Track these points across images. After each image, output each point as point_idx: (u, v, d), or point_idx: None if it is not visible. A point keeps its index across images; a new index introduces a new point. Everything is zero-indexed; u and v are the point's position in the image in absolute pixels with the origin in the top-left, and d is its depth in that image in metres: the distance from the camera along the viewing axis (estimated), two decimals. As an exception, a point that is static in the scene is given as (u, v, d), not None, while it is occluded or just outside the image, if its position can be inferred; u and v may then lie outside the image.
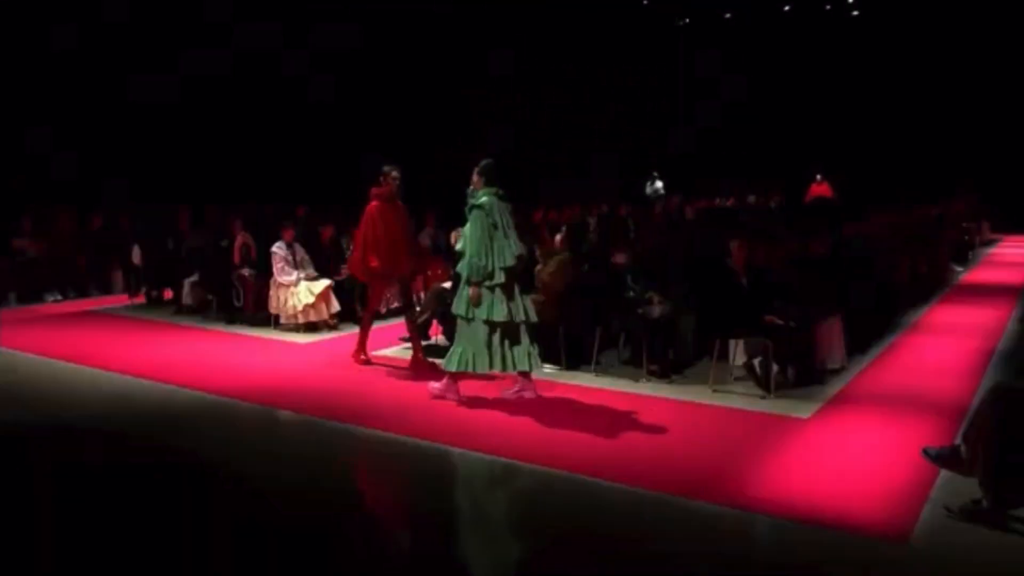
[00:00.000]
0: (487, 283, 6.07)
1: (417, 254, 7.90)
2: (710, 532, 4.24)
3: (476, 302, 6.09)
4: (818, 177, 20.62)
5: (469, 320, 6.17)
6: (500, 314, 6.10)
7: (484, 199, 6.13)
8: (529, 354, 6.25)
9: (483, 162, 6.32)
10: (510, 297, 6.14)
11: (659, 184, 20.68)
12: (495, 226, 6.09)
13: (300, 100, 16.52)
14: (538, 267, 7.77)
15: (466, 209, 6.26)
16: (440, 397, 6.38)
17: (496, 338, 6.15)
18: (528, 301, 6.33)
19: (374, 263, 7.34)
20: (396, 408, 6.27)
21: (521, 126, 20.60)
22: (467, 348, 6.19)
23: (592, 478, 4.83)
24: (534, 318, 6.28)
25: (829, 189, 20.25)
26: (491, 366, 6.18)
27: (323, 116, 16.98)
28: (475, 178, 6.28)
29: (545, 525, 4.31)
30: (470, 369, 6.20)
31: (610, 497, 4.63)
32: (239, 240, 10.03)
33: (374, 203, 7.40)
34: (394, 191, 7.40)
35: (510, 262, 6.09)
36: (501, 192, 6.23)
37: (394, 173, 7.39)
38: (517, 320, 6.18)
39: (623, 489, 4.69)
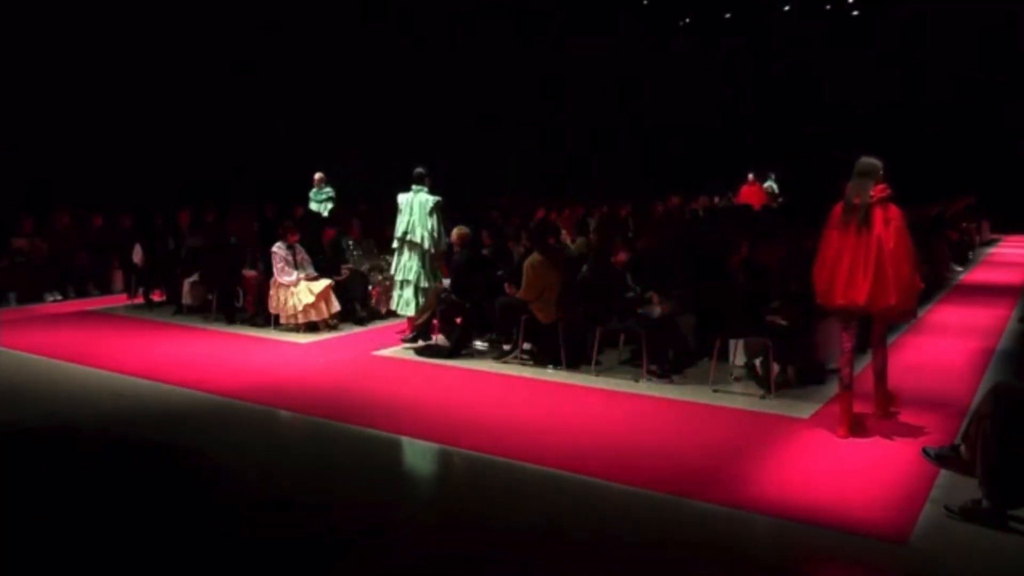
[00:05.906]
0: (394, 246, 8.67)
1: (912, 283, 5.36)
2: (709, 532, 4.24)
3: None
4: (750, 177, 18.95)
5: None
6: (389, 267, 8.96)
7: (402, 194, 8.53)
8: (408, 303, 8.50)
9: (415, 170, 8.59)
10: (400, 260, 8.54)
11: (771, 182, 19.90)
12: (400, 211, 8.49)
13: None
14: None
15: None
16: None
17: (397, 287, 8.68)
18: (418, 269, 8.43)
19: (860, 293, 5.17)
20: (395, 408, 6.27)
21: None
22: None
23: (592, 478, 4.83)
24: (412, 279, 8.44)
25: (761, 191, 18.69)
26: (393, 306, 8.83)
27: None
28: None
29: (545, 525, 4.30)
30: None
31: (610, 497, 4.63)
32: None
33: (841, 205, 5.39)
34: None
35: (398, 234, 8.49)
36: (417, 189, 8.45)
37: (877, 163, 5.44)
38: (398, 278, 8.57)
39: (623, 489, 4.69)
